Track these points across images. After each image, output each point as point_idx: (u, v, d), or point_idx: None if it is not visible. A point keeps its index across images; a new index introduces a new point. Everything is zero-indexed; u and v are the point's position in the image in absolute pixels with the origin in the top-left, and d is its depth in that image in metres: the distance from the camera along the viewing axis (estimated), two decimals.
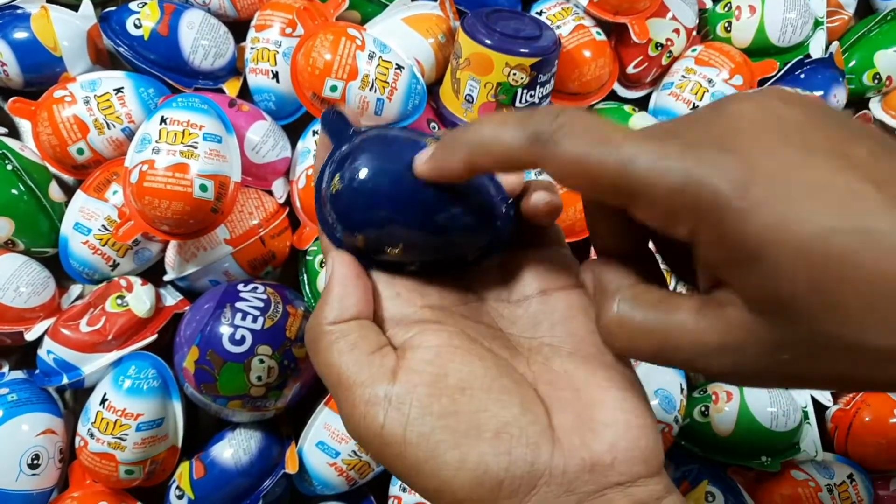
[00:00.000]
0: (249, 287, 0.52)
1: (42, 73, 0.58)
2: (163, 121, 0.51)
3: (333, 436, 0.53)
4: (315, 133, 0.58)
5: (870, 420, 0.59)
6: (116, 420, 0.50)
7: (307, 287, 0.58)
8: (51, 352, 0.53)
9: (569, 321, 0.27)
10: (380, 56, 0.55)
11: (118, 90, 0.55)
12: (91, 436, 0.50)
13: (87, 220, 0.55)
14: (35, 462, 0.51)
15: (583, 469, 0.22)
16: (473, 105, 0.56)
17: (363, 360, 0.24)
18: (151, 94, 0.56)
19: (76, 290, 0.58)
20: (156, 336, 0.54)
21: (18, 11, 0.57)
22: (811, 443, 0.57)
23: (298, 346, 0.51)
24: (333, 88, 0.54)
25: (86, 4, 0.59)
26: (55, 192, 0.57)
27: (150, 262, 0.58)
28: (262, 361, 0.49)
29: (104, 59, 0.61)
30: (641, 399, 0.25)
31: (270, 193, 0.58)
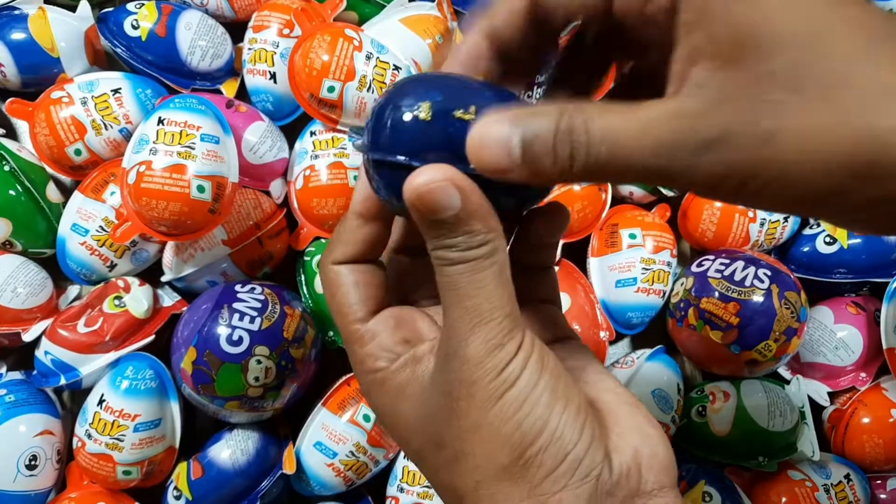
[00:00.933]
0: (247, 288, 0.52)
1: (39, 74, 0.58)
2: (160, 122, 0.51)
3: (331, 436, 0.53)
4: (313, 134, 0.58)
5: (867, 420, 0.59)
6: (114, 421, 0.50)
7: (305, 288, 0.58)
8: (48, 352, 0.53)
9: (565, 361, 0.27)
10: (377, 57, 0.55)
11: (116, 91, 0.55)
12: (89, 436, 0.51)
13: (85, 221, 0.55)
14: (33, 463, 0.51)
15: (621, 474, 0.22)
16: None
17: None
18: (149, 95, 0.56)
19: (74, 291, 0.58)
20: (153, 337, 0.54)
21: (16, 12, 0.57)
22: (808, 443, 0.57)
23: (296, 347, 0.51)
24: (331, 89, 0.54)
25: (83, 5, 0.59)
26: (53, 193, 0.57)
27: (148, 263, 0.58)
28: (260, 362, 0.49)
29: (102, 60, 0.61)
30: (649, 413, 0.25)
31: (268, 194, 0.59)
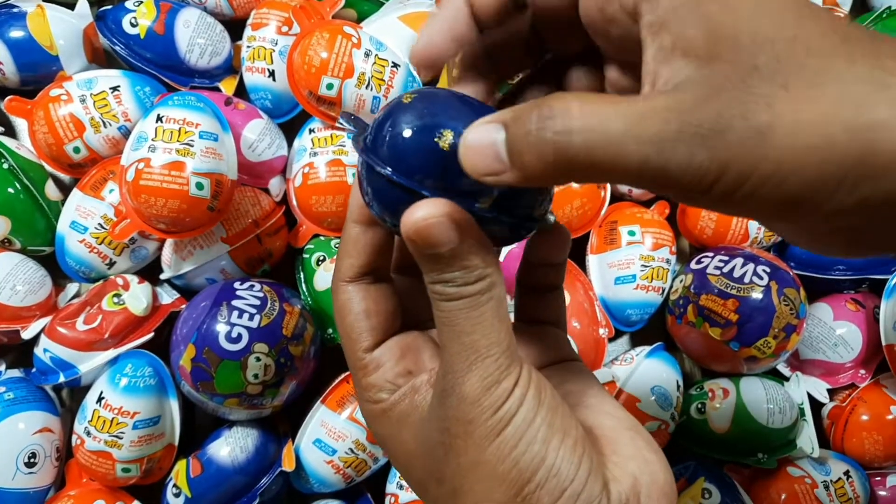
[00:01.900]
0: (246, 285, 0.52)
1: (38, 72, 0.58)
2: (159, 119, 0.51)
3: (330, 433, 0.53)
4: (311, 131, 0.58)
5: (866, 417, 0.59)
6: (113, 418, 0.50)
7: (304, 285, 0.58)
8: (47, 350, 0.53)
9: (564, 385, 0.27)
10: (376, 54, 0.55)
11: (114, 89, 0.55)
12: (88, 434, 0.51)
13: (84, 219, 0.55)
14: (32, 460, 0.52)
15: (619, 501, 0.22)
16: None
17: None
18: (148, 93, 0.57)
19: (73, 289, 0.58)
20: (152, 334, 0.54)
21: (14, 10, 0.57)
22: (807, 440, 0.57)
23: (295, 344, 0.51)
24: (329, 86, 0.54)
25: (82, 3, 0.59)
26: (51, 191, 0.57)
27: (147, 261, 0.58)
28: (259, 359, 0.49)
29: (100, 58, 0.61)
30: (650, 437, 0.25)
31: (267, 192, 0.59)
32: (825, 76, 0.18)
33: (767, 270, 0.56)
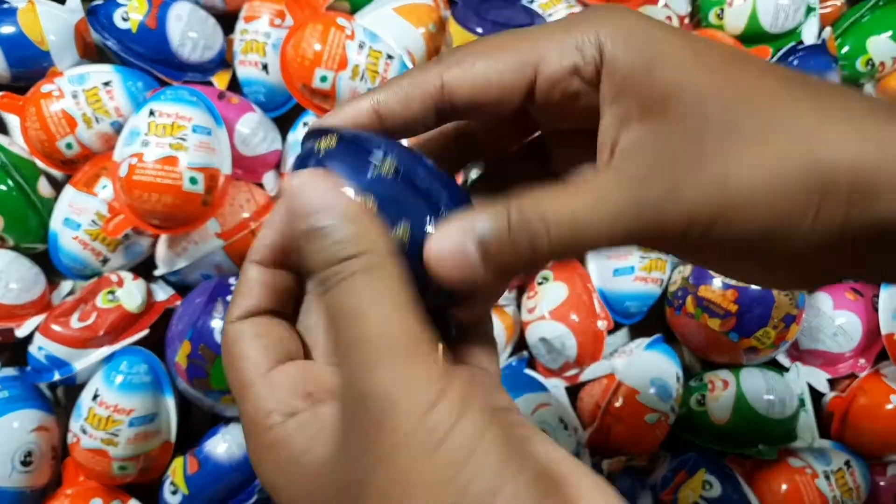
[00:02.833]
0: None
1: (29, 68, 0.57)
2: (151, 114, 0.50)
3: None
4: (305, 124, 0.58)
5: (866, 407, 0.58)
6: (109, 416, 0.50)
7: None
8: (42, 348, 0.52)
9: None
10: (370, 46, 0.54)
11: (106, 84, 0.55)
12: (84, 432, 0.50)
13: (77, 215, 0.54)
14: (28, 459, 0.51)
15: None
16: None
17: None
18: (140, 88, 0.56)
19: (67, 286, 0.58)
20: (147, 331, 0.54)
21: (5, 6, 0.57)
22: (808, 430, 0.57)
23: None
24: (323, 79, 0.53)
25: None
26: (44, 188, 0.57)
27: (142, 257, 0.58)
28: None
29: (92, 53, 0.61)
30: (614, 489, 0.21)
31: (261, 186, 0.58)
32: (773, 119, 0.19)
33: None
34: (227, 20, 0.61)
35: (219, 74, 0.61)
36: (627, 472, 0.56)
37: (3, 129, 0.61)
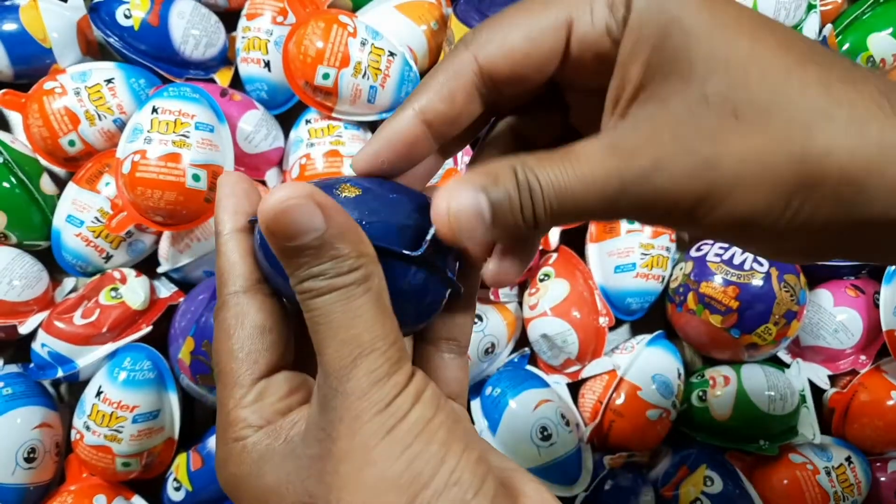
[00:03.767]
0: None
1: (32, 65, 0.58)
2: (154, 111, 0.50)
3: None
4: (308, 122, 0.58)
5: (867, 403, 0.59)
6: (112, 412, 0.50)
7: None
8: (45, 345, 0.53)
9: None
10: (372, 43, 0.54)
11: (109, 81, 0.55)
12: (87, 428, 0.50)
13: (80, 213, 0.54)
14: (31, 456, 0.51)
15: None
16: None
17: None
18: (142, 85, 0.56)
19: (70, 283, 0.58)
20: (150, 328, 0.54)
21: (7, 3, 0.57)
22: (809, 426, 0.57)
23: None
24: (326, 76, 0.54)
25: None
26: (47, 185, 0.57)
27: (144, 254, 0.58)
28: None
29: (94, 50, 0.61)
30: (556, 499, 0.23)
31: (263, 183, 0.58)
32: (775, 104, 0.19)
33: None
34: (230, 17, 0.61)
35: (221, 72, 0.61)
36: (629, 468, 0.56)
37: (6, 127, 0.62)
